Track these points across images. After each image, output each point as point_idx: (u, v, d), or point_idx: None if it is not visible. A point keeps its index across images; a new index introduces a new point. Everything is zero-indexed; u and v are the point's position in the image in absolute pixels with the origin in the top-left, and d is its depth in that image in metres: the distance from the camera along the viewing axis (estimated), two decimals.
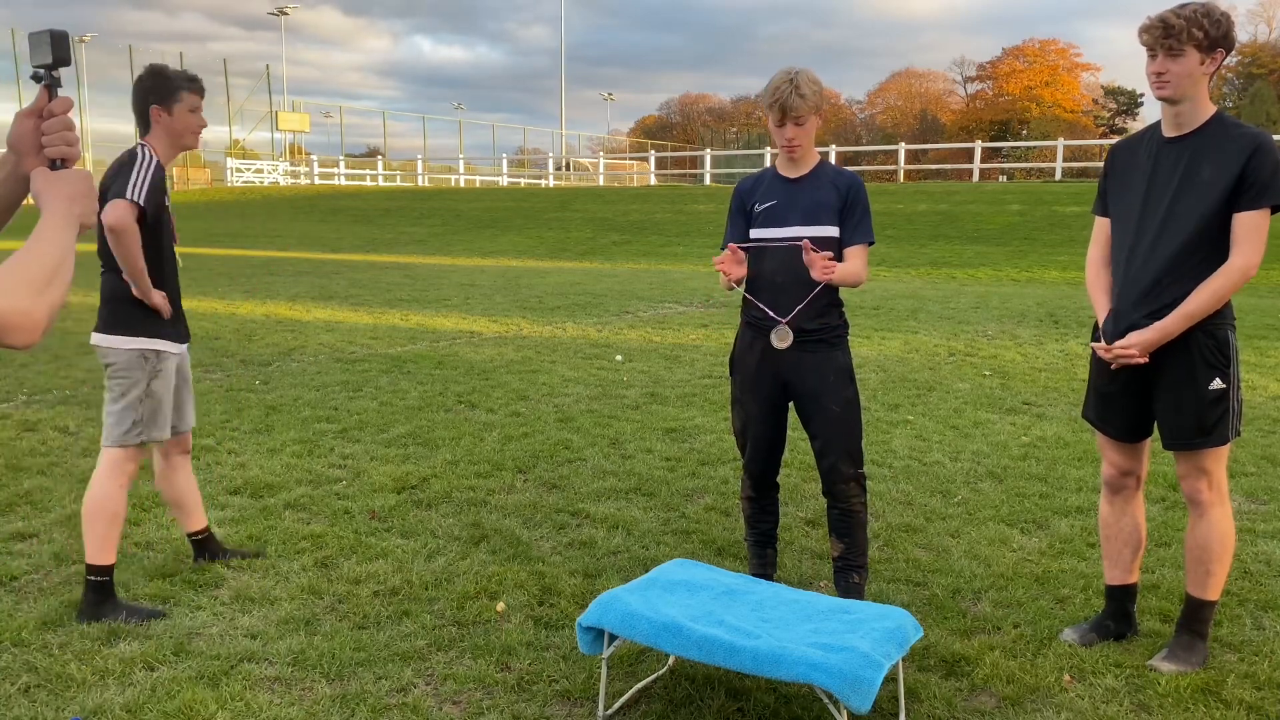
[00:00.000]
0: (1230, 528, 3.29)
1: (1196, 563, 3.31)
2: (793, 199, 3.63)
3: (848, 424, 3.66)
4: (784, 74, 3.51)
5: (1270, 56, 62.68)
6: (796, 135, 3.54)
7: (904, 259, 20.42)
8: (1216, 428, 3.18)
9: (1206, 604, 3.32)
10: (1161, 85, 3.11)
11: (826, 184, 3.64)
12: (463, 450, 5.96)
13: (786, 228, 3.62)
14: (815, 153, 3.71)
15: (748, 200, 3.73)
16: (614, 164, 51.30)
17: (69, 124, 1.56)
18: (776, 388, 3.70)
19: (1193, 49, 3.05)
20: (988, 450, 6.04)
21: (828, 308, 3.64)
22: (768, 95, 3.54)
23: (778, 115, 3.54)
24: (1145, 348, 3.16)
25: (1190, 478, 3.26)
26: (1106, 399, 3.42)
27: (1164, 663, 3.26)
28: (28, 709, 2.97)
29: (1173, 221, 3.15)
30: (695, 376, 8.37)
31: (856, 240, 3.60)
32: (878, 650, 2.70)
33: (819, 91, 3.56)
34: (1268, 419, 6.86)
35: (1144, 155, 3.27)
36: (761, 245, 3.64)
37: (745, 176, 3.91)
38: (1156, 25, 3.06)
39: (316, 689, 3.12)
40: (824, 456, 3.68)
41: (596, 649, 2.98)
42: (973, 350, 9.78)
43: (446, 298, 14.23)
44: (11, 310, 1.32)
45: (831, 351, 3.65)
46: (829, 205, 3.61)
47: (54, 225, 1.44)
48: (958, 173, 36.34)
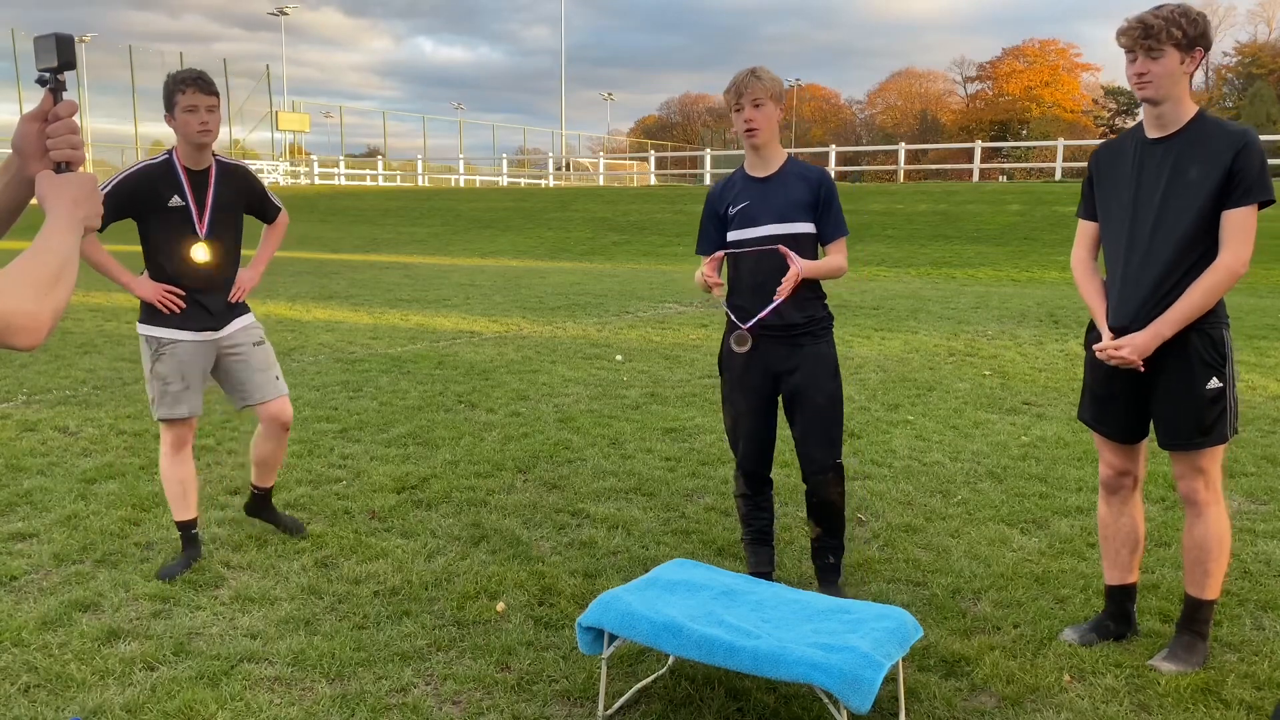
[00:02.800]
0: (1226, 527, 3.30)
1: (1195, 563, 3.31)
2: (764, 198, 3.72)
3: (830, 415, 3.77)
4: (746, 68, 3.68)
5: (1270, 56, 62.68)
6: (754, 117, 3.63)
7: (904, 259, 20.42)
8: (1215, 427, 3.18)
9: (1205, 604, 3.32)
10: (1143, 86, 3.11)
11: (796, 181, 3.73)
12: (463, 450, 5.96)
13: (760, 227, 3.72)
14: (782, 151, 3.81)
15: (719, 205, 3.83)
16: (614, 164, 51.30)
17: (74, 127, 1.56)
18: (766, 382, 3.78)
19: (1172, 48, 3.06)
20: (988, 450, 6.04)
21: (810, 300, 3.72)
22: (729, 86, 3.68)
23: (734, 99, 3.66)
24: (1141, 352, 3.15)
25: (1187, 477, 3.26)
26: (1102, 400, 3.42)
27: (1164, 663, 3.26)
28: (28, 709, 2.97)
29: (1164, 223, 3.15)
30: (695, 376, 8.37)
31: (836, 235, 3.74)
32: (878, 650, 2.70)
33: (778, 82, 3.69)
34: (1268, 419, 6.86)
35: (1129, 158, 3.27)
36: (738, 251, 3.74)
37: (716, 182, 3.97)
38: (1135, 26, 3.07)
39: (316, 689, 3.12)
40: (803, 444, 3.80)
41: (596, 649, 2.98)
42: (973, 350, 9.78)
43: (446, 298, 14.23)
44: (16, 312, 1.32)
45: (817, 344, 3.75)
46: (801, 202, 3.70)
47: (58, 228, 1.45)
48: (958, 173, 36.34)
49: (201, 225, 3.98)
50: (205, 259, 4.00)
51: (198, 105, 3.83)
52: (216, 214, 4.00)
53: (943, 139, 64.36)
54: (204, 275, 4.01)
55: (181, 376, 4.00)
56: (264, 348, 4.22)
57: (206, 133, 3.87)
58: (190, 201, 3.95)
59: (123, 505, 4.82)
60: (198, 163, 3.97)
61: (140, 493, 5.01)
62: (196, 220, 3.96)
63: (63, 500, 4.90)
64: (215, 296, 4.06)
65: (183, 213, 3.94)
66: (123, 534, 4.45)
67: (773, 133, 3.70)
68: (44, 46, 1.55)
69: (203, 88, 3.84)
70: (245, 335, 4.16)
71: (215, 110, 3.90)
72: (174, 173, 3.95)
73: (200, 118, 3.84)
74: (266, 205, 4.30)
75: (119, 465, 5.52)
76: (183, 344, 4.00)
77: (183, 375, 4.00)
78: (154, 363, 3.99)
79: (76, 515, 4.66)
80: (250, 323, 4.21)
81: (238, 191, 4.10)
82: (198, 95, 3.82)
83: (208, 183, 3.99)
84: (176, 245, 3.95)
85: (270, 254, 4.39)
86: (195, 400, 4.06)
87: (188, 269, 3.98)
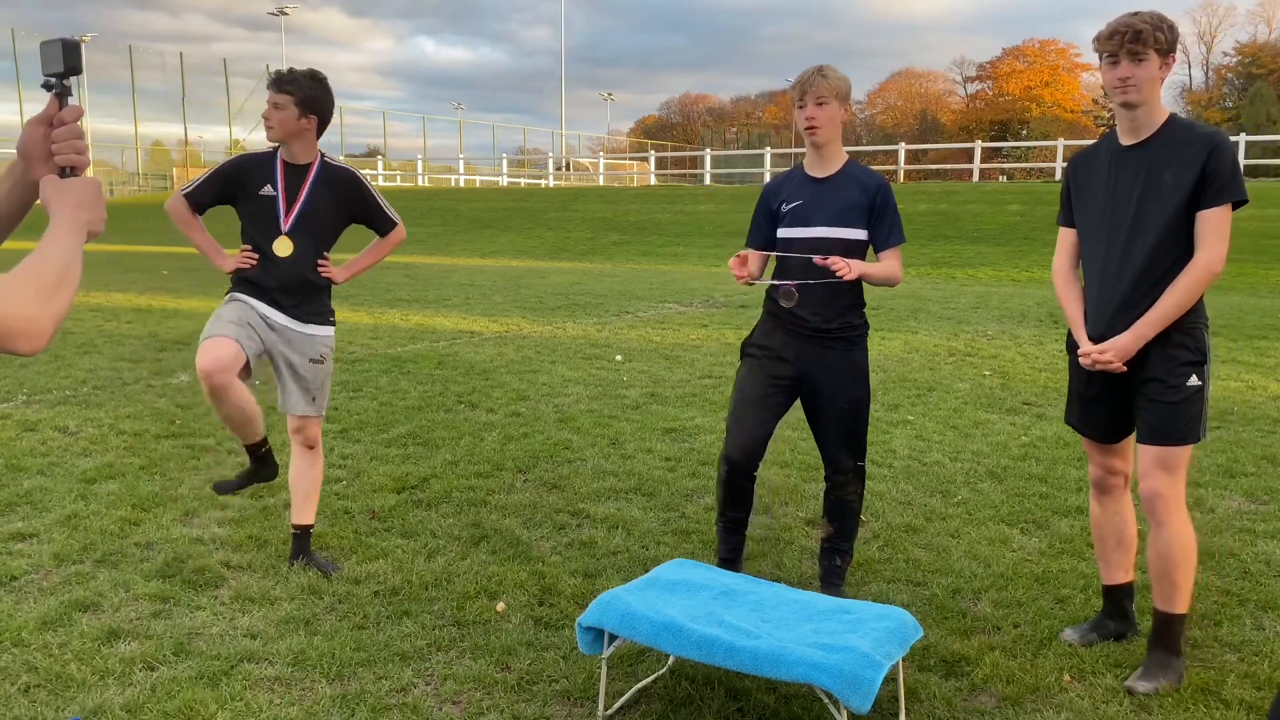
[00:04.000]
0: (1191, 535, 3.21)
1: (1161, 575, 3.22)
2: (820, 199, 3.67)
3: (855, 420, 3.75)
4: (813, 66, 3.65)
5: (1270, 56, 62.69)
6: (816, 115, 3.60)
7: (904, 259, 20.36)
8: (1191, 425, 3.17)
9: (1176, 618, 3.22)
10: (1127, 90, 3.13)
11: (854, 185, 3.68)
12: (463, 450, 5.96)
13: (812, 228, 3.67)
14: (843, 152, 3.76)
15: (774, 201, 3.77)
16: (614, 164, 51.29)
17: (78, 132, 1.56)
18: (789, 375, 3.72)
19: (1154, 53, 3.08)
20: (988, 450, 6.04)
21: (850, 308, 3.69)
22: (794, 83, 3.65)
23: (798, 95, 3.62)
24: (1124, 355, 3.17)
25: (1153, 476, 3.18)
26: (1087, 403, 3.43)
27: (1140, 682, 3.15)
28: (28, 709, 2.97)
29: (1140, 229, 3.18)
30: (695, 376, 8.37)
31: (891, 243, 3.71)
32: (878, 650, 2.70)
33: (845, 81, 3.66)
34: (1268, 419, 6.86)
35: (1104, 165, 3.29)
36: (784, 255, 3.70)
37: (775, 176, 3.94)
38: (1125, 30, 3.07)
39: (316, 689, 3.12)
40: (827, 448, 3.79)
41: (596, 649, 2.98)
42: (973, 350, 9.78)
43: (446, 298, 14.23)
44: (18, 316, 1.32)
45: (850, 350, 3.72)
46: (857, 207, 3.65)
47: (61, 233, 1.45)
48: (958, 173, 36.34)
49: (286, 220, 3.95)
50: (283, 254, 3.95)
51: (269, 100, 3.92)
52: (305, 213, 3.96)
53: (943, 139, 64.36)
54: (280, 271, 3.95)
55: (239, 315, 3.91)
56: (319, 366, 4.06)
57: (269, 129, 3.93)
58: (280, 193, 3.96)
59: (123, 505, 4.81)
60: (295, 158, 3.97)
61: (140, 493, 5.01)
62: (283, 213, 3.95)
63: (63, 500, 4.90)
64: (287, 295, 3.98)
65: (271, 202, 3.95)
66: (123, 534, 4.45)
67: (835, 133, 3.66)
68: (50, 52, 1.55)
69: (273, 85, 3.92)
70: (309, 345, 4.04)
71: (282, 107, 3.88)
72: (272, 164, 3.98)
73: (266, 110, 3.94)
74: (376, 217, 4.18)
75: (119, 465, 5.52)
76: (251, 302, 3.97)
77: (240, 315, 3.91)
78: (221, 308, 3.97)
79: (76, 515, 4.66)
80: (322, 335, 4.08)
81: (337, 197, 4.03)
82: (269, 91, 3.92)
83: (304, 180, 3.96)
84: (260, 234, 3.96)
85: (368, 263, 4.27)
86: (242, 334, 3.86)
87: (265, 261, 3.96)
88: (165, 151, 61.57)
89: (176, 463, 5.61)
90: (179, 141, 56.48)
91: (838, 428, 3.72)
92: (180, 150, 57.37)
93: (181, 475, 5.36)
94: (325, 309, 4.12)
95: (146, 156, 55.42)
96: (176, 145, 58.00)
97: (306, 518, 4.14)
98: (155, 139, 60.31)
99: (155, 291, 14.67)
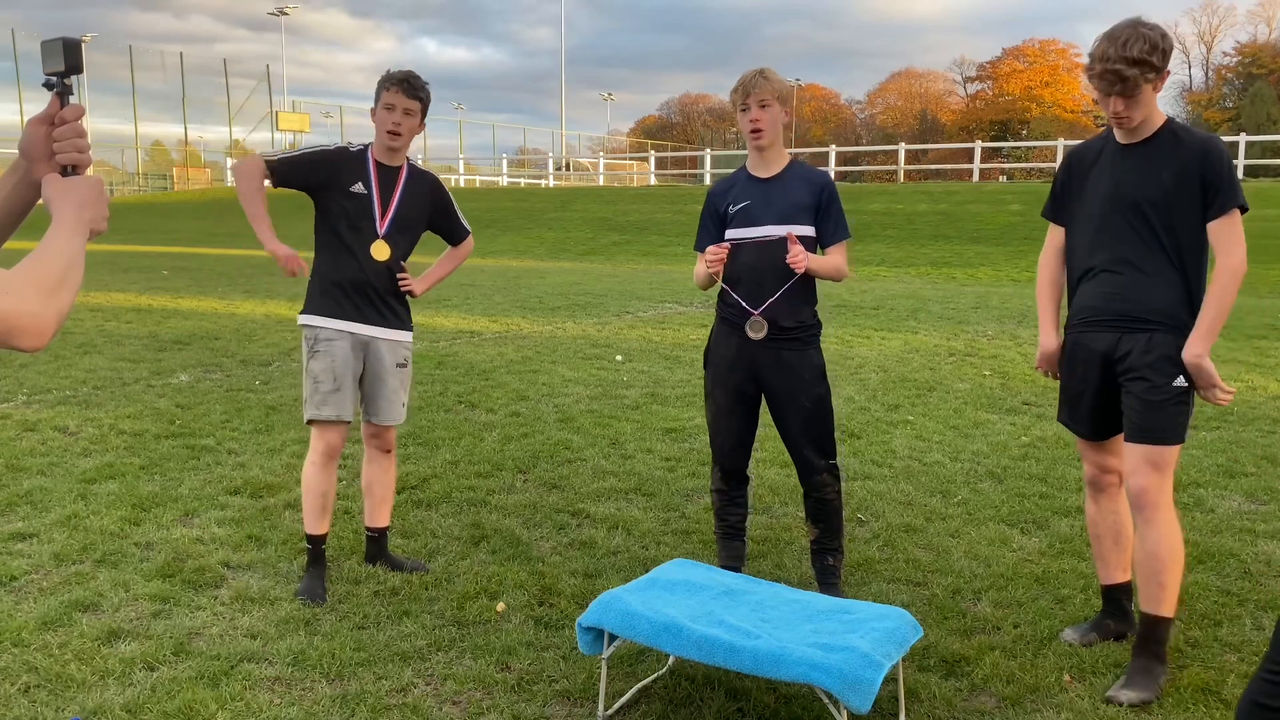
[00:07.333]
0: (1178, 536, 3.20)
1: (1149, 576, 3.19)
2: (766, 199, 3.72)
3: (819, 419, 3.77)
4: (754, 69, 3.70)
5: (1270, 56, 62.68)
6: (760, 117, 3.64)
7: (904, 259, 20.42)
8: (1177, 424, 3.17)
9: (1163, 621, 3.20)
10: (1122, 122, 3.16)
11: (800, 183, 3.74)
12: (463, 450, 5.96)
13: (760, 227, 3.73)
14: (786, 153, 3.82)
15: (720, 203, 3.84)
16: (614, 164, 51.30)
17: (80, 131, 1.56)
18: (749, 382, 3.79)
19: (1146, 85, 3.09)
20: (988, 450, 6.04)
21: (803, 305, 3.71)
22: (736, 86, 3.69)
23: (741, 99, 3.67)
24: (1198, 373, 3.14)
25: (1140, 473, 3.17)
26: (1076, 400, 3.43)
27: (1122, 691, 3.10)
28: (28, 709, 2.97)
29: (1133, 228, 3.19)
30: (695, 376, 8.36)
31: (838, 238, 3.74)
32: (878, 650, 2.70)
33: (785, 84, 3.72)
34: (1268, 419, 6.86)
35: (1102, 162, 3.30)
36: (741, 242, 3.72)
37: (718, 181, 3.98)
38: (1112, 77, 3.05)
39: (316, 689, 3.12)
40: (796, 450, 3.81)
41: (596, 649, 2.98)
42: (973, 350, 9.78)
43: (446, 298, 14.23)
44: (21, 313, 1.33)
45: (805, 350, 3.76)
46: (803, 205, 3.71)
47: (64, 231, 1.46)
48: (958, 173, 36.35)
49: (382, 222, 3.84)
50: (382, 258, 3.84)
51: (395, 105, 3.76)
52: (399, 217, 3.86)
53: (943, 139, 64.37)
54: (376, 274, 3.84)
55: (334, 376, 3.80)
56: (404, 371, 4.01)
57: (396, 135, 3.78)
58: (375, 193, 3.83)
59: (123, 505, 4.81)
60: (389, 159, 3.87)
61: (140, 493, 5.01)
62: (378, 215, 3.83)
63: (63, 500, 4.90)
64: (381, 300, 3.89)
65: (364, 202, 3.81)
66: (123, 534, 4.45)
67: (778, 134, 3.70)
68: (51, 51, 1.55)
69: (407, 90, 3.75)
70: (396, 351, 3.98)
71: (413, 115, 3.78)
72: (364, 161, 3.85)
73: (395, 117, 3.77)
74: (453, 224, 4.13)
75: (119, 465, 5.52)
76: (338, 342, 3.82)
77: (335, 374, 3.80)
78: (309, 359, 3.84)
79: (76, 515, 4.66)
80: (406, 340, 4.03)
81: (424, 201, 3.96)
82: (398, 95, 3.75)
83: (396, 182, 3.88)
84: (352, 234, 3.80)
85: (444, 274, 4.20)
86: (345, 403, 3.83)
87: (354, 262, 3.82)
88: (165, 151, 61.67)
89: (176, 463, 5.61)
90: (179, 141, 56.58)
91: (803, 427, 3.75)
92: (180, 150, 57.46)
93: (181, 475, 5.37)
94: (407, 312, 4.03)
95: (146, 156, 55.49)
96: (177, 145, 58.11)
97: (383, 520, 4.14)
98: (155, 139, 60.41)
99: (155, 291, 14.66)
